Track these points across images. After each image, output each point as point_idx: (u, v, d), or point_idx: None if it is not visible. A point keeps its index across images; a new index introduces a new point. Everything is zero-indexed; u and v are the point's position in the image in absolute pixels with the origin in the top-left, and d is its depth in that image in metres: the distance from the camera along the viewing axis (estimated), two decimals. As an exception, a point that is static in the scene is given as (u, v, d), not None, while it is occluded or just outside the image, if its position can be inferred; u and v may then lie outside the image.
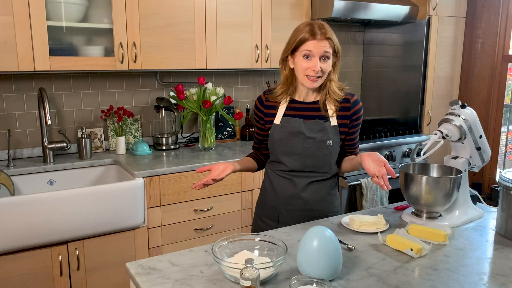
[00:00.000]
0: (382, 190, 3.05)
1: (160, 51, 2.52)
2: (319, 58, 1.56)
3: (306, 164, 1.67)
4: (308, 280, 1.08)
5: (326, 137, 1.65)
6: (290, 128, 1.66)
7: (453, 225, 1.61)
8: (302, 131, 1.64)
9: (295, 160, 1.67)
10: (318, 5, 2.97)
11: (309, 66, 1.56)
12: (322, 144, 1.65)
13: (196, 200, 2.47)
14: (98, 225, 2.15)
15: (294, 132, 1.65)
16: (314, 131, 1.65)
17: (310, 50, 1.55)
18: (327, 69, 1.59)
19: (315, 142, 1.64)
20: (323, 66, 1.57)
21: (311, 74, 1.57)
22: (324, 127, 1.65)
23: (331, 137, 1.65)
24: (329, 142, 1.65)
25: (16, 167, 2.34)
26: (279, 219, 1.74)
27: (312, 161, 1.66)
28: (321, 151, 1.65)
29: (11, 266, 2.00)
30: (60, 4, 2.30)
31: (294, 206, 1.72)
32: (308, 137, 1.64)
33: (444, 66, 3.48)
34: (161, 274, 1.25)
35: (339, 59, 1.65)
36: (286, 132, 1.66)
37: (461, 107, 1.65)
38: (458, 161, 1.69)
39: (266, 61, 2.89)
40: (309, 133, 1.64)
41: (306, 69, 1.57)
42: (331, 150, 1.67)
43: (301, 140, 1.65)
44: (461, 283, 1.21)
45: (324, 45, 1.55)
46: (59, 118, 2.64)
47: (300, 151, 1.66)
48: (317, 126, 1.65)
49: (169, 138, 2.82)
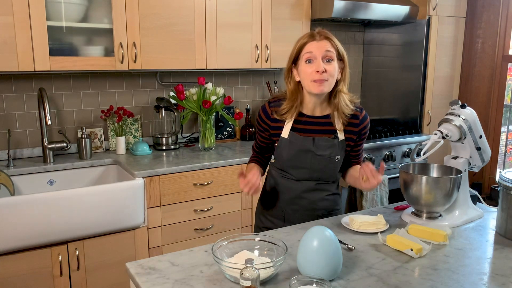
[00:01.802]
0: (382, 190, 3.05)
1: (160, 51, 2.52)
2: (322, 59, 1.52)
3: (313, 176, 1.69)
4: (308, 280, 1.08)
5: (334, 154, 1.64)
6: (299, 146, 1.63)
7: (453, 225, 1.61)
8: (311, 149, 1.63)
9: (303, 173, 1.68)
10: (318, 5, 2.96)
11: (313, 69, 1.52)
12: (331, 160, 1.65)
13: (196, 200, 2.47)
14: (98, 225, 2.14)
15: (303, 150, 1.63)
16: (323, 148, 1.63)
17: (311, 52, 1.52)
18: (332, 72, 1.53)
19: (323, 159, 1.64)
20: (327, 67, 1.51)
21: (316, 76, 1.51)
22: (333, 144, 1.63)
23: (339, 153, 1.66)
24: (337, 158, 1.66)
25: (16, 167, 2.34)
26: (285, 218, 1.76)
27: (319, 174, 1.68)
28: (329, 166, 1.66)
29: (11, 266, 2.00)
30: (60, 4, 2.30)
31: (300, 206, 1.73)
32: (317, 154, 1.63)
33: (444, 66, 3.48)
34: (161, 274, 1.25)
35: (346, 66, 1.58)
36: (295, 148, 1.64)
37: (461, 107, 1.65)
38: (458, 161, 1.69)
39: (266, 61, 2.89)
40: (318, 151, 1.63)
41: (311, 73, 1.52)
42: (338, 164, 1.68)
43: (309, 157, 1.64)
44: (461, 283, 1.21)
45: (325, 45, 1.52)
46: (59, 118, 2.64)
47: (309, 166, 1.66)
48: (326, 143, 1.63)
49: (169, 138, 2.82)
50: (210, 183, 2.50)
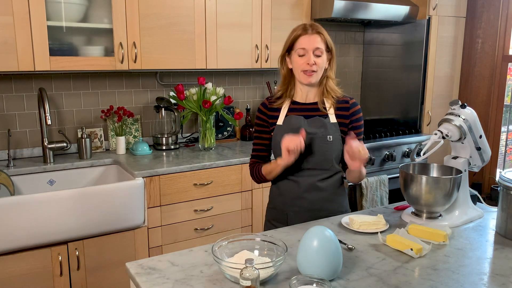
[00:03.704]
0: (382, 190, 3.05)
1: (160, 51, 2.52)
2: (313, 53, 1.64)
3: (308, 160, 1.69)
4: (308, 280, 1.08)
5: (326, 133, 1.68)
6: (291, 125, 1.71)
7: (453, 225, 1.61)
8: (302, 127, 1.67)
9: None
10: (318, 5, 2.96)
11: (304, 61, 1.65)
12: (323, 140, 1.68)
13: (196, 200, 2.47)
14: (98, 225, 2.14)
15: (295, 128, 1.68)
16: (314, 127, 1.69)
17: (303, 48, 1.65)
18: (321, 64, 1.66)
19: (315, 137, 1.67)
20: (317, 60, 1.65)
21: (306, 68, 1.65)
22: (324, 123, 1.69)
23: (332, 133, 1.69)
24: (329, 138, 1.68)
25: (16, 167, 2.34)
26: (288, 222, 1.76)
27: (313, 157, 1.68)
28: (322, 147, 1.68)
29: (11, 266, 2.00)
30: (60, 4, 2.30)
31: (300, 207, 1.73)
32: (309, 132, 1.67)
33: (444, 66, 3.48)
34: (161, 274, 1.25)
35: (333, 57, 1.72)
36: (287, 130, 1.69)
37: (461, 107, 1.65)
38: (458, 161, 1.69)
39: (266, 61, 2.89)
40: (310, 129, 1.68)
41: (302, 64, 1.66)
42: (332, 146, 1.69)
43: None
44: (461, 283, 1.21)
45: (316, 40, 1.65)
46: (59, 118, 2.64)
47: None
48: (317, 123, 1.70)
49: (169, 138, 2.82)
50: (210, 183, 2.50)
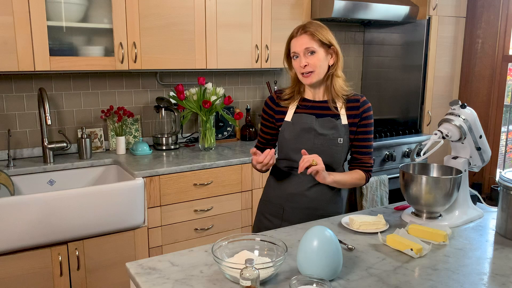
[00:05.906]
0: (382, 190, 3.05)
1: (160, 51, 2.52)
2: (304, 53, 1.62)
3: None
4: (308, 280, 1.08)
5: (337, 135, 1.67)
6: (302, 124, 1.68)
7: (453, 225, 1.61)
8: (314, 127, 1.66)
9: None
10: (318, 5, 2.96)
11: (299, 64, 1.65)
12: (333, 142, 1.67)
13: (196, 200, 2.47)
14: (98, 225, 2.15)
15: (305, 128, 1.67)
16: (325, 128, 1.67)
17: (294, 52, 1.64)
18: (316, 63, 1.62)
19: (326, 139, 1.66)
20: (310, 60, 1.62)
21: (301, 70, 1.64)
22: (336, 125, 1.67)
23: (342, 135, 1.67)
24: (340, 140, 1.67)
25: (16, 167, 2.34)
26: (283, 217, 1.75)
27: (322, 158, 1.66)
28: (332, 149, 1.67)
29: (11, 266, 2.00)
30: (60, 4, 2.30)
31: (299, 203, 1.73)
32: (320, 133, 1.66)
33: (444, 66, 3.48)
34: (161, 274, 1.25)
35: (336, 53, 1.66)
36: (297, 128, 1.68)
37: (461, 107, 1.65)
38: (458, 161, 1.69)
39: (266, 61, 2.89)
40: (321, 129, 1.66)
41: (298, 68, 1.66)
42: (341, 148, 1.68)
43: (312, 137, 1.67)
44: (461, 283, 1.21)
45: (303, 40, 1.61)
46: (59, 118, 2.64)
47: (311, 146, 1.67)
48: (329, 124, 1.67)
49: (169, 138, 2.82)
50: (210, 183, 2.50)
